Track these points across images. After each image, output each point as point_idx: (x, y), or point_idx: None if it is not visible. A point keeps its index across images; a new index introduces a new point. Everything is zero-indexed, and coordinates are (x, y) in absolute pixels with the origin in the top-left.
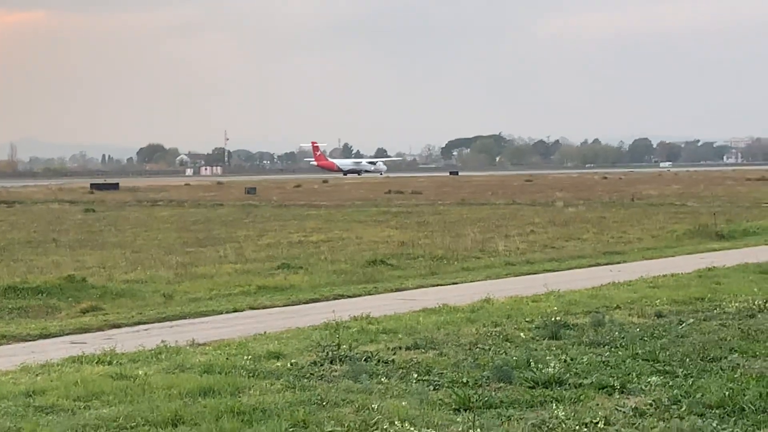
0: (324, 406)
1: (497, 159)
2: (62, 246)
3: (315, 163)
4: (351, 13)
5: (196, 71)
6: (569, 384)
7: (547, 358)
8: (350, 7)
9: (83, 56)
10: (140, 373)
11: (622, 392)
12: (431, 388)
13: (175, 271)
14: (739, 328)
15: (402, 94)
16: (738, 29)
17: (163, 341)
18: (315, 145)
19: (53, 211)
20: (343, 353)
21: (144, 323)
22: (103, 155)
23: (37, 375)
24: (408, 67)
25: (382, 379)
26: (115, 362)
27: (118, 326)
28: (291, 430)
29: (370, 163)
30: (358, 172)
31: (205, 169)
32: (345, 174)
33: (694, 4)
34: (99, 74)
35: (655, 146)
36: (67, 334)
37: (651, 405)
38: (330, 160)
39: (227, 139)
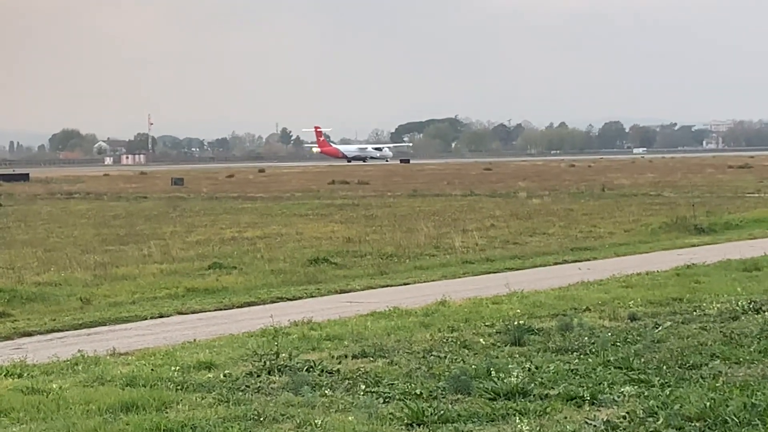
0: (261, 421)
1: (453, 145)
2: None
3: (318, 149)
4: None
5: (117, 48)
6: (534, 395)
7: (510, 366)
8: None
9: None
10: (54, 386)
11: (593, 404)
12: (381, 400)
13: (94, 272)
14: (721, 332)
15: (347, 73)
16: (717, 2)
17: (79, 351)
18: (318, 130)
19: None
20: (282, 363)
21: (58, 331)
22: (11, 142)
23: None
24: (353, 43)
25: (326, 392)
26: (26, 375)
27: (29, 334)
28: None
29: (376, 149)
30: (364, 158)
31: (127, 157)
32: (349, 161)
33: None
34: (5, 51)
35: (627, 130)
36: None
37: (624, 417)
38: (334, 146)
39: (151, 124)
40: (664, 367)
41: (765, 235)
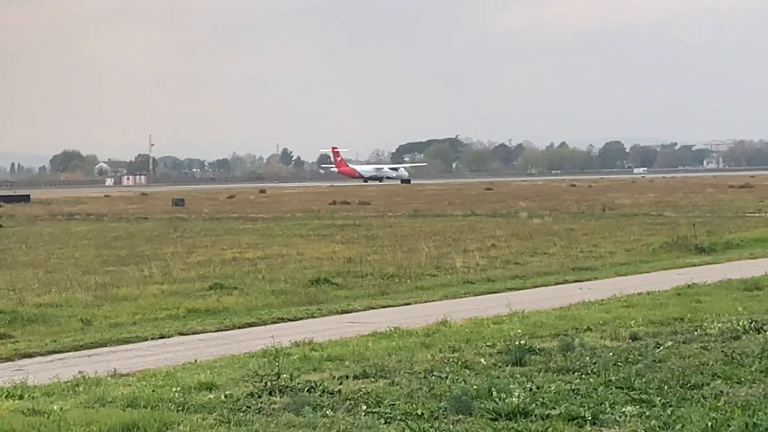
0: None
1: (454, 165)
2: None
3: (335, 169)
4: (288, 2)
5: (117, 69)
6: (535, 415)
7: (511, 386)
8: None
9: None
10: (55, 408)
11: (594, 424)
12: (382, 421)
13: (94, 293)
14: (722, 352)
15: (347, 93)
16: (716, 21)
17: (80, 372)
18: (335, 150)
19: None
20: (283, 383)
21: (59, 352)
22: (12, 164)
23: None
24: (353, 63)
25: (328, 412)
26: (26, 396)
27: (30, 356)
28: None
29: (392, 169)
30: (380, 178)
31: (128, 178)
32: (366, 181)
33: None
34: (6, 73)
35: (628, 150)
36: None
37: None
38: (351, 166)
39: (152, 145)
40: (666, 386)
41: (766, 254)
